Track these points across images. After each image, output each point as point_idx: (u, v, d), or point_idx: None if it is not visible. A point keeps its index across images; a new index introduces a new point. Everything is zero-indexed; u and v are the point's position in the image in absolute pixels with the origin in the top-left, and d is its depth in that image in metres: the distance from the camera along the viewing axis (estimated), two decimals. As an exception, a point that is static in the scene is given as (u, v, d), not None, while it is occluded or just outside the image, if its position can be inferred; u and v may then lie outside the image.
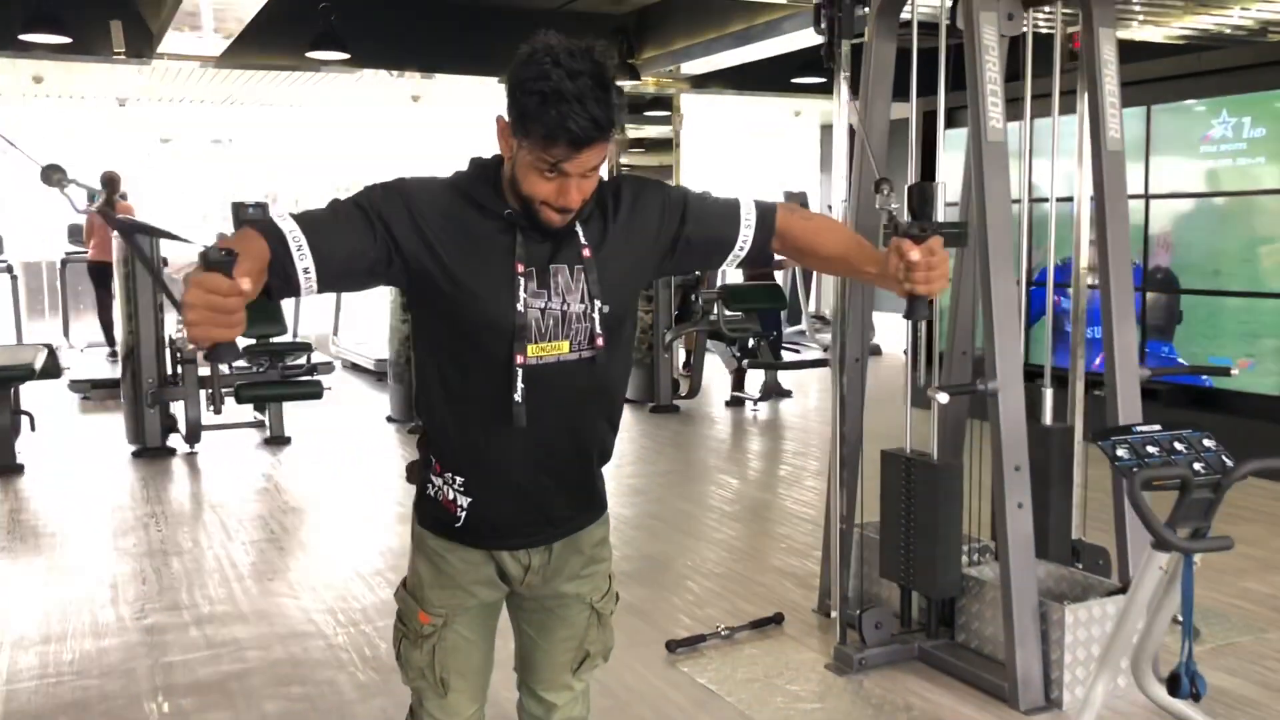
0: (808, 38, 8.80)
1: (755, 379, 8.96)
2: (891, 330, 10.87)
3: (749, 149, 13.37)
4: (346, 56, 8.56)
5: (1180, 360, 6.68)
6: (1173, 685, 2.67)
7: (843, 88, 3.56)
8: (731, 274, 9.97)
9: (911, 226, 1.81)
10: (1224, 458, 2.68)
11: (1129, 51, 3.72)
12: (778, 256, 2.05)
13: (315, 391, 7.20)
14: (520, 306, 1.75)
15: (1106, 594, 3.47)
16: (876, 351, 11.90)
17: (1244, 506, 5.38)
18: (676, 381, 8.72)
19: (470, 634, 2.00)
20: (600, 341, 1.81)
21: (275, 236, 1.66)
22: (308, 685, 3.56)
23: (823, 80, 11.09)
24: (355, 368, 10.70)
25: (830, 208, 4.87)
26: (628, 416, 8.51)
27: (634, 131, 11.25)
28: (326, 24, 8.26)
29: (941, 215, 3.53)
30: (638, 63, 10.01)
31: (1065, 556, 3.80)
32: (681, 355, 9.27)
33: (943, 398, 3.32)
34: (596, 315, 1.80)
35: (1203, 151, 6.72)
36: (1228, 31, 7.98)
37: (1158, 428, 2.75)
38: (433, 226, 1.74)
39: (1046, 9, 3.63)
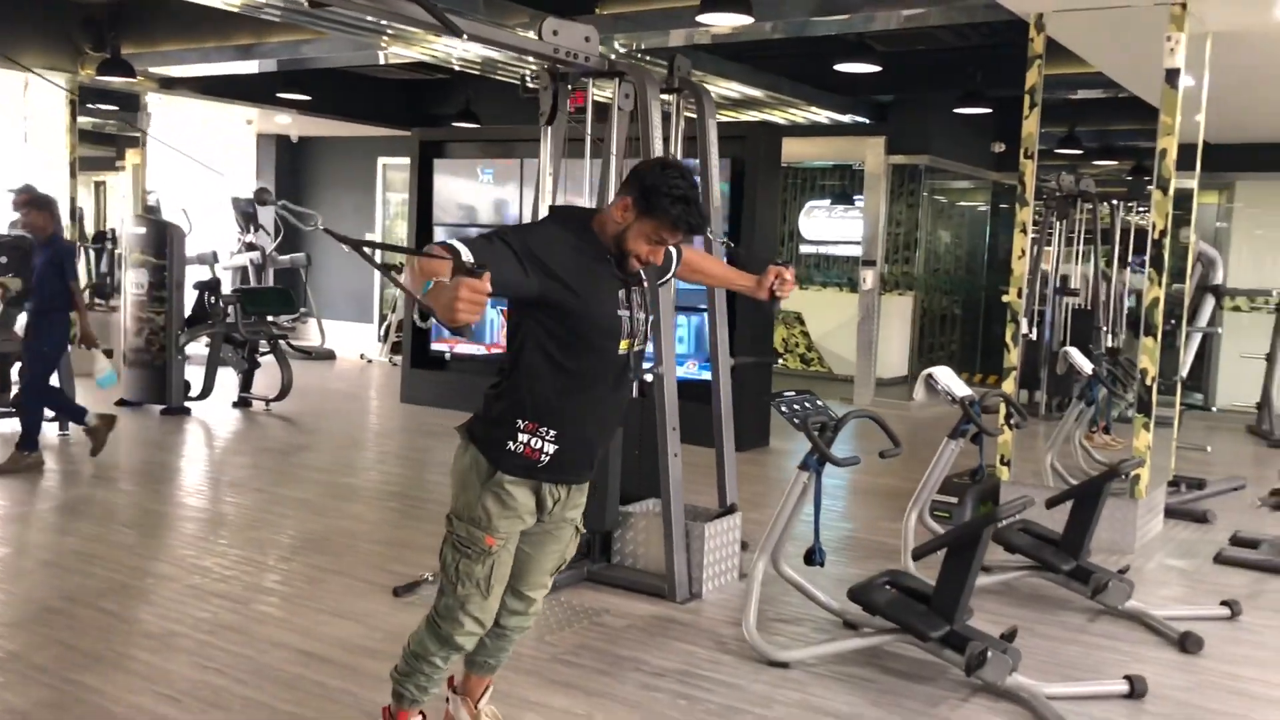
0: (309, 59, 9.42)
1: (263, 380, 9.31)
2: (341, 335, 12.73)
3: (196, 148, 13.27)
4: None
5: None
6: (809, 557, 4.14)
7: (547, 136, 4.66)
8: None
9: (778, 259, 3.06)
10: (830, 411, 4.22)
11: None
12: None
13: None
14: (620, 313, 2.68)
15: (715, 517, 4.91)
16: (331, 355, 12.67)
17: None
18: (187, 383, 8.78)
19: (512, 550, 2.81)
20: (644, 340, 2.80)
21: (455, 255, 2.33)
22: None
23: (308, 98, 11.63)
24: None
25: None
26: (141, 421, 8.45)
27: (88, 124, 10.77)
28: None
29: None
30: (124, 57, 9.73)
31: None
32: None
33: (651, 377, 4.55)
34: (648, 322, 2.80)
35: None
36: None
37: (793, 393, 4.23)
38: (563, 259, 2.58)
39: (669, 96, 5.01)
